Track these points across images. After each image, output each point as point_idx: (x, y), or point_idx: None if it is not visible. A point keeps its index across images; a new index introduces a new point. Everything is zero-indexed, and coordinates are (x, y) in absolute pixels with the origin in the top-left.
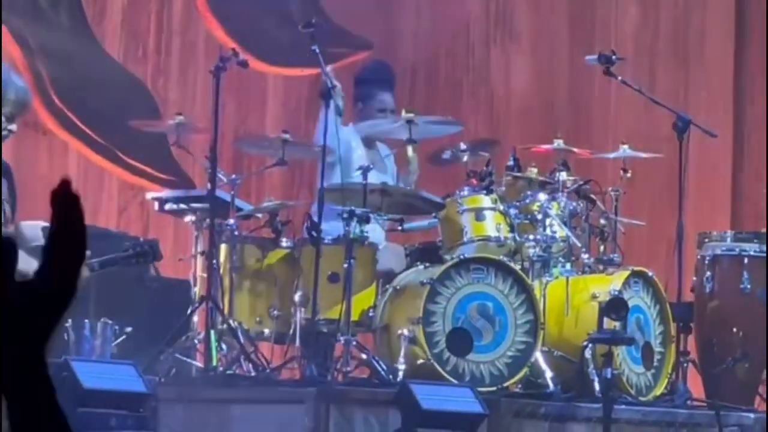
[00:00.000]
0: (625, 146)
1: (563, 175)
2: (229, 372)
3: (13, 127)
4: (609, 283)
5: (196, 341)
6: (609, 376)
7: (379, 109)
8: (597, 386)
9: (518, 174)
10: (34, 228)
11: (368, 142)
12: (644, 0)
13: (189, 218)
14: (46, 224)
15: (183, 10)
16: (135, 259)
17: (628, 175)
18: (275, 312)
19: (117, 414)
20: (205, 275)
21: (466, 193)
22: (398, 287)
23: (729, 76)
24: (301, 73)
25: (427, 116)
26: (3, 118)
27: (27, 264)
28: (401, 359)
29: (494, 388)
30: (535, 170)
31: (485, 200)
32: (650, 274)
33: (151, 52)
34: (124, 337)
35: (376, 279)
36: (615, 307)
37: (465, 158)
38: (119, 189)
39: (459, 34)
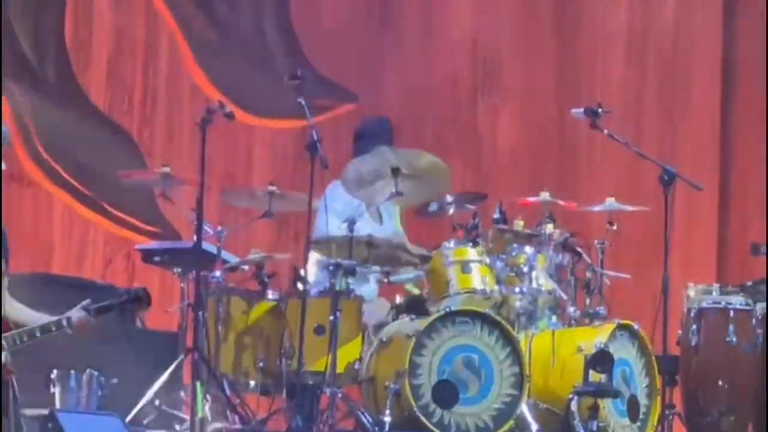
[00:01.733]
0: (611, 199)
1: (549, 228)
2: (214, 424)
3: (2, 165)
4: (595, 336)
5: (182, 393)
6: (595, 428)
7: None
8: None
9: (504, 227)
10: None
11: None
12: (630, 53)
13: (175, 270)
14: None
15: (169, 62)
16: (130, 304)
17: (614, 227)
18: (261, 364)
19: None
20: (191, 327)
21: (452, 245)
22: (384, 339)
23: (715, 128)
24: (288, 125)
25: (412, 150)
26: None
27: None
28: (387, 411)
29: None
30: (521, 223)
31: (471, 253)
32: (636, 326)
33: (137, 103)
34: (109, 388)
35: (361, 331)
36: (601, 359)
37: (451, 211)
38: (105, 240)
39: (446, 87)
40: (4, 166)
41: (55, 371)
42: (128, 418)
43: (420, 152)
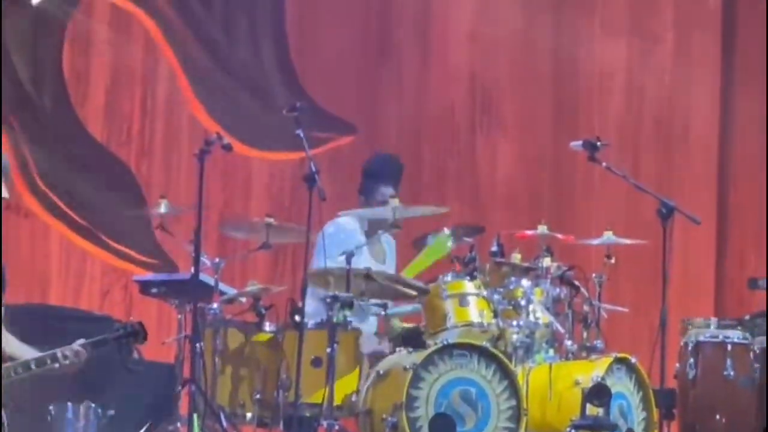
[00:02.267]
0: (609, 232)
1: (547, 261)
2: None
3: (5, 193)
4: (592, 370)
5: (178, 424)
6: None
7: (380, 202)
8: None
9: (502, 260)
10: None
11: (370, 233)
12: (628, 87)
13: (172, 302)
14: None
15: (167, 94)
16: (125, 339)
17: (612, 261)
18: (258, 396)
19: None
20: (188, 358)
21: (449, 278)
22: (381, 372)
23: (713, 161)
24: (286, 157)
25: (413, 206)
26: None
27: (16, 348)
28: None
29: None
30: (518, 256)
31: (469, 286)
32: (633, 360)
33: (134, 135)
34: (106, 420)
35: (359, 363)
36: (598, 393)
37: (449, 243)
38: (102, 272)
39: (444, 119)
40: (6, 195)
41: (52, 403)
42: None
43: (420, 210)
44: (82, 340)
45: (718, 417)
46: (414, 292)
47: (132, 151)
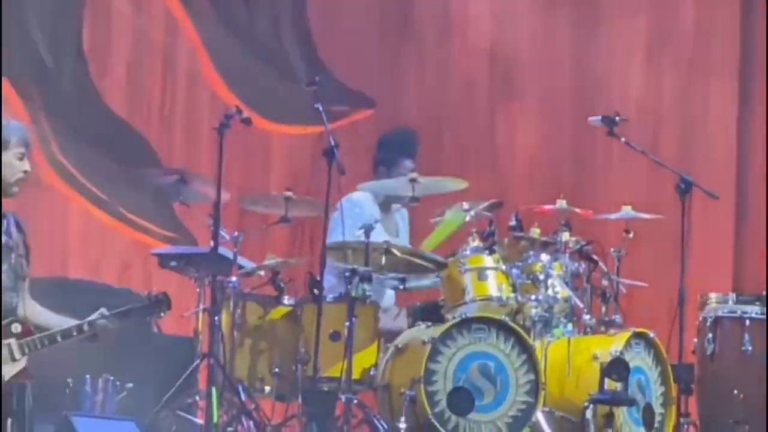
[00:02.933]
0: (628, 207)
1: (566, 236)
2: (229, 429)
3: (27, 167)
4: (611, 344)
5: (197, 398)
6: None
7: (401, 175)
8: None
9: (521, 234)
10: None
11: (384, 206)
12: (648, 61)
13: (191, 275)
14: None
15: (187, 68)
16: (151, 309)
17: (631, 236)
18: (277, 369)
19: None
20: (206, 332)
21: (468, 252)
22: (400, 346)
23: (732, 138)
24: (305, 131)
25: (434, 178)
26: (15, 160)
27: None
28: (402, 418)
29: None
30: (537, 230)
31: (488, 260)
32: (652, 335)
33: (155, 108)
34: (125, 393)
35: (377, 337)
36: (616, 368)
37: (467, 218)
38: (122, 245)
39: (463, 94)
40: (29, 168)
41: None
42: (144, 423)
43: (440, 184)
44: (104, 310)
45: (735, 392)
46: (432, 266)
47: (152, 125)
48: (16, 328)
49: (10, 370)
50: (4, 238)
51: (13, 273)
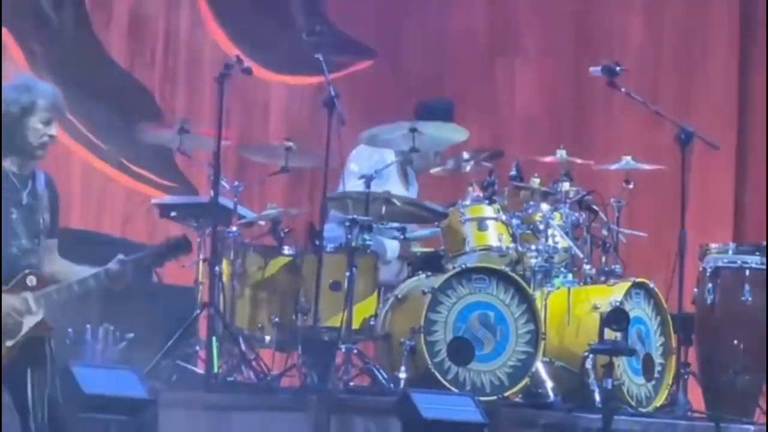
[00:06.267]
0: (628, 157)
1: (566, 186)
2: (230, 379)
3: (53, 131)
4: (610, 294)
5: (197, 348)
6: (609, 386)
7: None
8: (597, 397)
9: (521, 184)
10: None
11: (401, 172)
12: (648, 12)
13: (191, 225)
14: None
15: (189, 17)
16: (170, 252)
17: (630, 186)
18: (277, 319)
19: (117, 420)
20: (207, 282)
21: (468, 202)
22: (400, 296)
23: (733, 88)
24: (305, 81)
25: (432, 123)
26: (40, 124)
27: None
28: (402, 368)
29: (495, 398)
30: (537, 181)
31: (488, 210)
32: (651, 285)
33: (157, 59)
34: (125, 342)
35: (377, 287)
36: (616, 318)
37: (468, 168)
38: (124, 196)
39: (464, 46)
40: (55, 133)
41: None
42: (145, 372)
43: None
44: (122, 256)
45: (735, 342)
46: (432, 216)
47: (154, 76)
48: (32, 281)
49: (28, 323)
50: (27, 199)
51: (30, 232)
